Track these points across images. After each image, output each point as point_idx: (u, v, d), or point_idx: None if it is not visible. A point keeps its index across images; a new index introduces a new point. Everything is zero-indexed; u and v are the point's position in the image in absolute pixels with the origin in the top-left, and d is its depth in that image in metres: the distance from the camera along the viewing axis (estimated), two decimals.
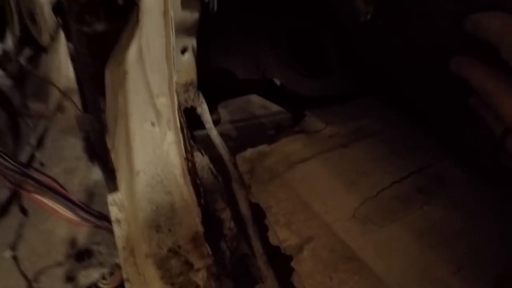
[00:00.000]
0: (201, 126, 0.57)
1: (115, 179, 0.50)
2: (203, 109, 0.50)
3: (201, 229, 0.40)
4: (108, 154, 0.54)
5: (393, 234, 0.38)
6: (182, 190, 0.44)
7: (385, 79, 0.61)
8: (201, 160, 0.48)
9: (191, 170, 0.44)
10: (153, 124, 0.44)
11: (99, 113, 0.58)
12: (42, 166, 1.40)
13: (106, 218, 0.50)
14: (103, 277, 0.57)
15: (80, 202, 0.46)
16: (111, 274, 0.59)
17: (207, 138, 0.56)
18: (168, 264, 0.38)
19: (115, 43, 0.45)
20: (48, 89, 1.45)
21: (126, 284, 0.41)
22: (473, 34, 0.31)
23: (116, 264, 0.64)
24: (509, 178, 0.38)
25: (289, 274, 0.36)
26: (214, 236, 0.40)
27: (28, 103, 0.72)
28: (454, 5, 0.36)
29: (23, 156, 1.18)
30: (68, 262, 1.05)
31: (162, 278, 0.36)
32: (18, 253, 0.86)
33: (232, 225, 0.41)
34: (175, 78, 0.41)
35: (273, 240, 0.39)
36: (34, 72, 0.45)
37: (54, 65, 1.71)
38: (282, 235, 0.39)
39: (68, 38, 0.68)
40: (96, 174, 1.54)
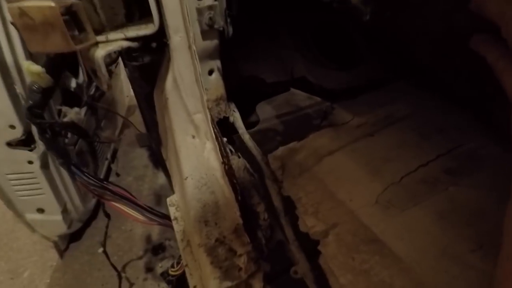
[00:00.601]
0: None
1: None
2: (235, 117, 0.57)
3: (241, 221, 0.47)
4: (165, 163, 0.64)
5: (415, 216, 0.40)
6: (223, 189, 0.51)
7: (410, 63, 0.61)
8: (238, 162, 0.55)
9: (228, 172, 0.51)
10: (193, 137, 0.53)
11: (155, 128, 0.69)
12: (118, 176, 1.63)
13: (168, 217, 0.60)
14: (172, 265, 0.68)
15: (146, 206, 0.57)
16: (178, 263, 0.69)
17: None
18: (216, 251, 0.46)
19: (159, 69, 0.54)
20: (115, 109, 1.67)
21: (186, 269, 0.50)
22: (477, 13, 0.32)
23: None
24: None
25: (317, 257, 0.40)
26: (251, 226, 0.47)
27: (99, 132, 0.88)
28: None
29: (103, 170, 1.40)
30: (147, 255, 1.23)
31: (211, 263, 0.44)
32: (107, 250, 1.04)
33: (266, 216, 0.47)
34: (205, 97, 0.48)
35: (302, 228, 0.44)
36: (99, 105, 0.56)
37: (118, 88, 1.96)
38: (310, 223, 0.44)
39: (125, 65, 0.82)
40: (162, 178, 1.73)
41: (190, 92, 0.47)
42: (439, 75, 0.52)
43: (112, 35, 0.39)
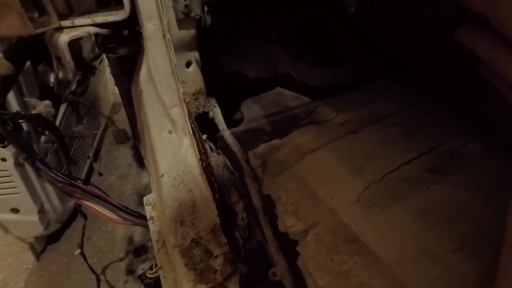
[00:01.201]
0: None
1: None
2: (216, 113, 0.55)
3: (218, 221, 0.45)
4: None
5: (395, 215, 0.38)
6: (201, 187, 0.49)
7: (395, 59, 0.60)
8: (217, 159, 0.53)
9: (206, 169, 0.49)
10: (170, 132, 0.50)
11: (136, 125, 0.66)
12: (101, 176, 1.58)
13: (144, 216, 0.58)
14: (151, 267, 0.65)
15: (120, 205, 0.54)
16: (157, 265, 0.67)
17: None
18: (191, 252, 0.43)
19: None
20: (99, 107, 1.62)
21: (160, 271, 0.48)
22: (464, 6, 0.31)
23: None
24: None
25: (296, 258, 0.39)
26: (229, 226, 0.45)
27: (72, 127, 0.84)
28: None
29: (84, 168, 1.36)
30: (128, 257, 1.19)
31: (186, 265, 0.42)
32: (87, 252, 1.00)
33: (244, 216, 0.45)
34: (182, 90, 0.46)
35: (281, 227, 0.42)
36: (80, 102, 0.54)
37: (102, 85, 1.90)
38: (289, 222, 0.42)
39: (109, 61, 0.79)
40: (145, 178, 1.69)
41: (166, 84, 0.45)
42: (424, 70, 0.51)
43: (79, 20, 0.36)
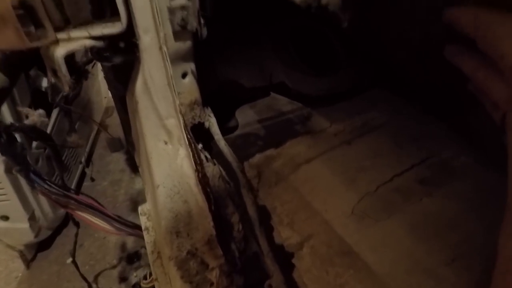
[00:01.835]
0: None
1: None
2: (211, 123, 0.55)
3: (214, 232, 0.45)
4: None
5: (388, 228, 0.39)
6: (197, 198, 0.49)
7: (387, 70, 0.61)
8: (213, 169, 0.53)
9: (202, 180, 0.49)
10: (166, 143, 0.50)
11: (130, 132, 0.66)
12: (93, 181, 1.57)
13: (139, 226, 0.57)
14: (145, 277, 0.64)
15: (115, 215, 0.54)
16: (151, 274, 0.66)
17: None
18: (187, 264, 0.43)
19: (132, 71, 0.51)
20: (91, 111, 1.60)
21: (155, 283, 0.47)
22: (450, 27, 0.32)
23: None
24: None
25: (291, 271, 0.39)
26: (225, 238, 0.45)
27: (66, 137, 0.84)
28: (429, 1, 0.36)
29: (76, 174, 1.34)
30: (121, 264, 1.18)
31: (182, 278, 0.42)
32: (78, 259, 0.99)
33: (240, 227, 0.45)
34: (179, 101, 0.46)
35: (277, 239, 0.43)
36: (73, 110, 0.53)
37: (95, 89, 1.89)
38: (285, 234, 0.43)
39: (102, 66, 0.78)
40: (139, 183, 1.68)
41: (162, 96, 0.45)
42: (414, 82, 0.52)
43: (75, 33, 0.36)
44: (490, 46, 0.25)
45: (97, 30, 0.37)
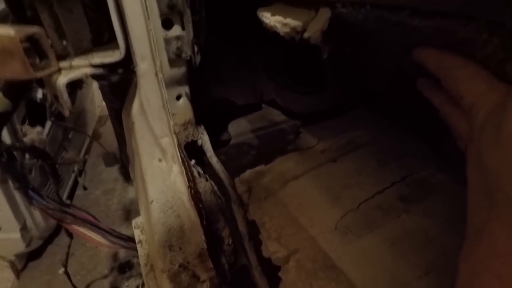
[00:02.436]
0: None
1: None
2: (204, 140, 0.58)
3: (205, 246, 0.47)
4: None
5: (369, 243, 0.42)
6: (189, 213, 0.51)
7: (370, 92, 0.65)
8: (205, 185, 0.56)
9: (194, 196, 0.51)
10: (160, 160, 0.52)
11: (125, 144, 0.68)
12: (85, 190, 1.57)
13: (133, 239, 0.59)
14: (137, 287, 0.66)
15: (110, 229, 0.55)
16: (143, 285, 0.68)
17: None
18: (179, 277, 0.45)
19: (128, 88, 0.53)
20: (85, 120, 1.61)
21: None
22: (420, 64, 0.35)
23: None
24: None
25: (277, 283, 0.41)
26: (215, 251, 0.47)
27: (65, 146, 0.85)
28: (400, 39, 0.39)
29: (69, 183, 1.34)
30: (112, 274, 1.18)
31: None
32: (70, 269, 0.99)
33: (231, 241, 0.48)
34: (173, 122, 0.48)
35: (265, 253, 0.45)
36: (67, 126, 0.55)
37: (89, 98, 1.89)
38: (272, 248, 0.45)
39: None
40: (132, 193, 1.68)
41: (157, 117, 0.48)
42: (395, 105, 0.56)
43: (77, 61, 0.38)
44: (452, 87, 0.29)
45: (97, 58, 0.39)
